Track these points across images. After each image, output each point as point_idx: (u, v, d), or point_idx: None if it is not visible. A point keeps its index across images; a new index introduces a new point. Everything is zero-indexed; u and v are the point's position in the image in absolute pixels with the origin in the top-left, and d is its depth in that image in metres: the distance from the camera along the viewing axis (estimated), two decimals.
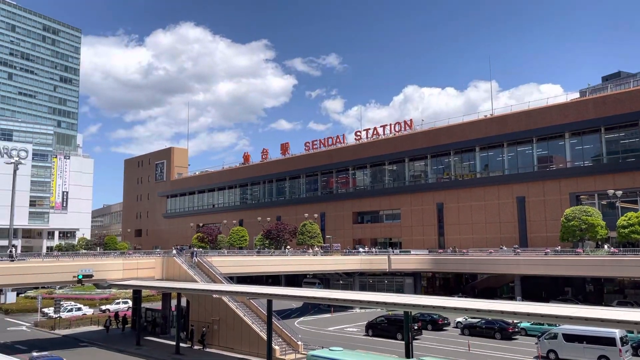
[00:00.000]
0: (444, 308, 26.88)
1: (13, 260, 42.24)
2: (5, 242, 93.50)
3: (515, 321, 43.26)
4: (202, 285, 42.39)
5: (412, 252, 68.25)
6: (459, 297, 53.49)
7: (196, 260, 47.56)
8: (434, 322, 48.57)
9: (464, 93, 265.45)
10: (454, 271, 65.78)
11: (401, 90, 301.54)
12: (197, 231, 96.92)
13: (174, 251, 51.74)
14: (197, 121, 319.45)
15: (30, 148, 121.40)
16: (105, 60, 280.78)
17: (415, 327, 43.21)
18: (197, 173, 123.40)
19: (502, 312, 24.64)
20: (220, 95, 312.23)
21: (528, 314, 23.71)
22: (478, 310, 26.13)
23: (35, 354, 35.60)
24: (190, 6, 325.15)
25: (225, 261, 52.30)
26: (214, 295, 40.98)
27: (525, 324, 44.56)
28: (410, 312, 29.10)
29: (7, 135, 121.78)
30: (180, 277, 45.96)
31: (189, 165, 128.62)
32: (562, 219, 54.77)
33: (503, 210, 66.58)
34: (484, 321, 44.71)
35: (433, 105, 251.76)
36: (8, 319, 60.87)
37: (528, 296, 54.10)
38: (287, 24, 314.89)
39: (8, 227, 68.54)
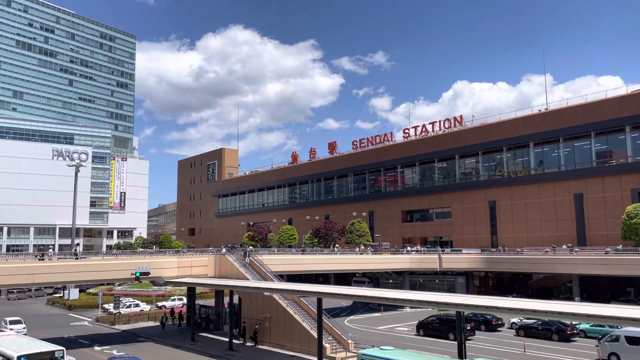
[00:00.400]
0: (498, 308, 26.24)
1: (77, 258, 44.44)
2: (68, 241, 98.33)
3: (573, 322, 41.69)
4: (253, 282, 43.15)
5: (463, 251, 66.98)
6: (513, 297, 52.00)
7: (249, 260, 48.35)
8: (488, 322, 47.46)
9: (516, 87, 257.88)
10: (508, 271, 64.03)
11: (450, 86, 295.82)
12: (247, 230, 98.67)
13: (224, 249, 52.94)
14: (247, 122, 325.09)
15: (90, 151, 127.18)
16: (159, 65, 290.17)
17: (468, 328, 42.35)
18: (247, 173, 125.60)
19: (560, 313, 23.79)
20: (268, 96, 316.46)
21: (588, 315, 22.82)
22: (534, 311, 25.33)
23: (115, 353, 37.44)
24: (239, 9, 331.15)
25: (275, 259, 53.03)
26: (265, 293, 41.62)
27: (584, 326, 42.85)
28: (463, 312, 28.57)
29: (68, 139, 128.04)
30: (232, 275, 46.94)
31: (239, 165, 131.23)
32: (623, 217, 52.35)
33: (559, 208, 64.24)
34: (540, 322, 43.33)
35: (484, 100, 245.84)
36: (71, 314, 63.97)
37: (587, 297, 52.00)
38: (334, 24, 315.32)
39: (71, 226, 71.98)
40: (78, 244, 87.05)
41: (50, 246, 75.08)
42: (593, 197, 61.34)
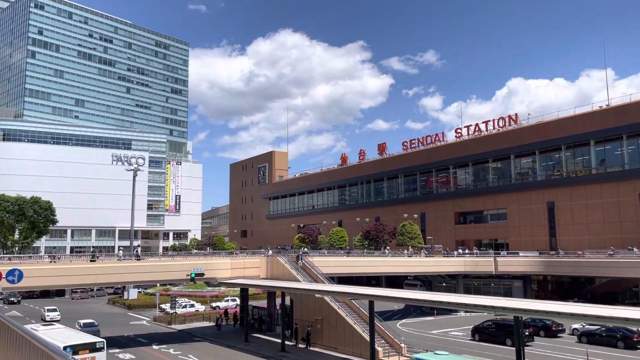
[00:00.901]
0: (559, 314, 25.18)
1: (139, 259, 46.05)
2: (127, 243, 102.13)
3: None
4: (304, 284, 43.28)
5: (520, 254, 64.76)
6: (574, 302, 49.81)
7: (302, 263, 48.32)
8: (547, 328, 45.65)
9: (575, 83, 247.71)
10: (568, 274, 61.43)
11: (505, 83, 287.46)
12: (298, 232, 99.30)
13: (270, 252, 53.41)
14: (296, 125, 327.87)
15: (146, 156, 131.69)
16: (211, 70, 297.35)
17: (527, 333, 40.86)
18: (297, 175, 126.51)
19: (626, 319, 22.54)
20: (317, 98, 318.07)
21: None
22: (598, 317, 24.10)
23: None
24: (288, 13, 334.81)
25: (325, 261, 53.01)
26: (317, 295, 41.65)
27: None
28: (521, 317, 27.56)
29: (126, 145, 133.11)
30: (283, 276, 47.29)
31: (289, 167, 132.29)
32: None
33: (624, 209, 61.03)
34: (604, 328, 41.28)
35: (540, 97, 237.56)
36: (130, 314, 66.30)
37: None
38: (383, 24, 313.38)
39: (129, 228, 74.67)
40: (139, 246, 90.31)
41: (121, 248, 79.17)
42: None
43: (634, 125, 60.24)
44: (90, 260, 43.19)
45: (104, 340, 31.58)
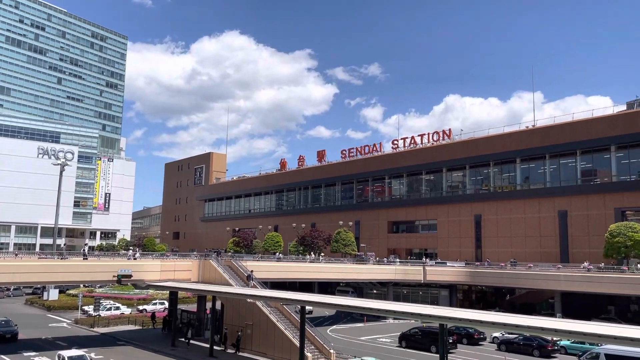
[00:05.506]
0: (481, 322, 26.30)
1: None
2: (49, 241, 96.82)
3: (554, 339, 41.92)
4: (236, 289, 42.78)
5: (448, 264, 67.16)
6: (496, 311, 52.19)
7: (253, 284, 45.32)
8: (470, 336, 47.57)
9: (507, 103, 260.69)
10: (492, 285, 64.30)
11: (442, 99, 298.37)
12: (233, 235, 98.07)
13: (195, 256, 51.33)
14: (238, 127, 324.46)
15: (76, 150, 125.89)
16: (151, 66, 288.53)
17: (450, 341, 42.38)
18: (234, 178, 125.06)
19: (542, 328, 23.89)
20: (260, 102, 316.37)
21: (570, 332, 22.92)
22: (517, 326, 25.42)
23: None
24: (237, 15, 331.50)
25: (259, 266, 52.69)
26: (248, 300, 41.31)
27: (565, 342, 43.12)
28: (446, 324, 28.59)
29: (54, 138, 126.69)
30: (215, 280, 46.53)
31: (227, 170, 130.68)
32: (606, 235, 52.89)
33: (544, 224, 64.79)
34: (521, 337, 43.54)
35: (475, 115, 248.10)
36: (50, 315, 62.88)
37: (569, 313, 52.32)
38: (331, 35, 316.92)
39: (53, 226, 71.00)
40: (87, 244, 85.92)
41: (87, 243, 73.49)
42: (577, 214, 61.95)
43: (556, 146, 64.16)
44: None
45: None
